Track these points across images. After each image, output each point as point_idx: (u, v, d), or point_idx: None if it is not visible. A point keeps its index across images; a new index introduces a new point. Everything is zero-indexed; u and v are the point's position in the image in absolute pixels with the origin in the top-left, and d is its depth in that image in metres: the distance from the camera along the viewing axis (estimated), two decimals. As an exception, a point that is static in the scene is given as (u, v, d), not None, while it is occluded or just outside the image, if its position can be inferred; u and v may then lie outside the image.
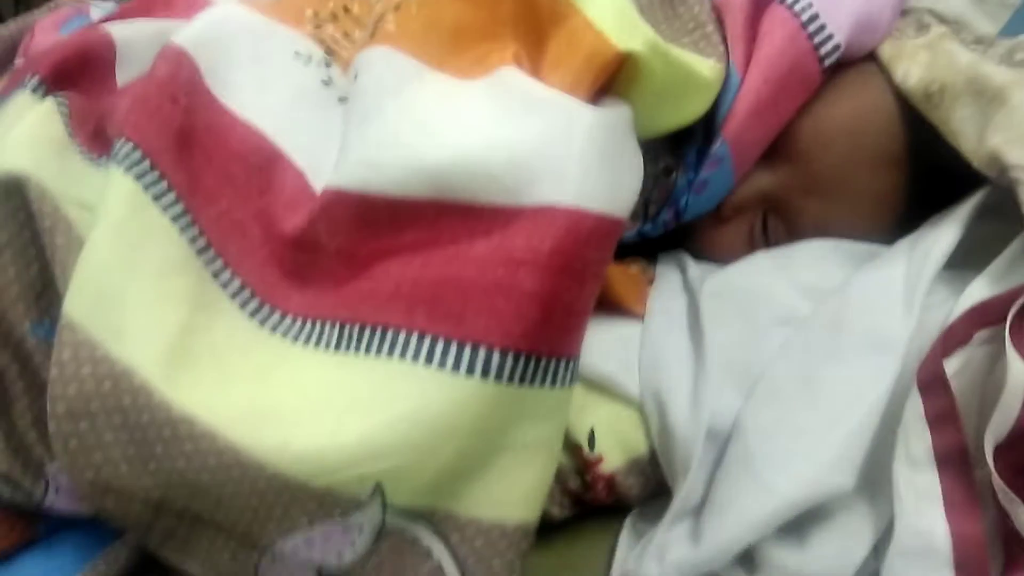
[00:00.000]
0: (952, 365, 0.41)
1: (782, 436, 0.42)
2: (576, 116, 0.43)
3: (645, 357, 0.47)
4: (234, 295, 0.44)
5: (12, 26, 0.65)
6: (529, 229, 0.41)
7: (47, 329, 0.42)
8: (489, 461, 0.41)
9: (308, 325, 0.44)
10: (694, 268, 0.51)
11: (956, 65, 0.46)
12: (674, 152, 0.53)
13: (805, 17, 0.51)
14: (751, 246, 0.53)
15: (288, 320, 0.44)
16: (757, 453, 0.42)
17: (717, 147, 0.50)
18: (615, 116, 0.46)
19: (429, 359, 0.40)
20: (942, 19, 0.56)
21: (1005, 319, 0.41)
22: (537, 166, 0.42)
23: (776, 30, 0.51)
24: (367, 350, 0.41)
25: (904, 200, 0.51)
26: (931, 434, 0.39)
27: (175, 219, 0.43)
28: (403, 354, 0.40)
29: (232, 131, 0.48)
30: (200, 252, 0.43)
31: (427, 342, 0.40)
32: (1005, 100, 0.44)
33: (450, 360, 0.39)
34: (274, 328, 0.44)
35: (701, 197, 0.52)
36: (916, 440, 0.39)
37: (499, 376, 0.39)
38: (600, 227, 0.42)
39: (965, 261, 0.46)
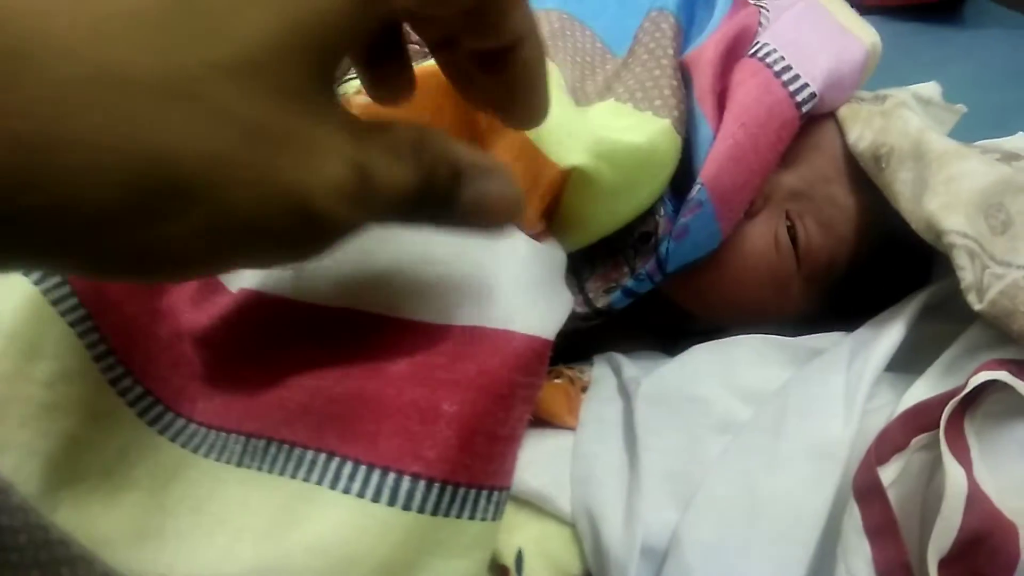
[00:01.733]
0: (889, 473, 0.39)
1: (723, 552, 0.39)
2: (511, 242, 0.43)
3: (577, 471, 0.44)
4: (134, 402, 0.42)
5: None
6: (454, 349, 0.39)
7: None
8: None
9: (212, 435, 0.41)
10: (629, 368, 0.49)
11: (906, 129, 0.47)
12: (649, 218, 0.52)
13: (778, 68, 0.51)
14: (777, 252, 0.53)
15: (192, 428, 0.42)
16: (697, 570, 0.40)
17: (696, 192, 0.48)
18: (549, 252, 0.46)
19: (335, 482, 0.37)
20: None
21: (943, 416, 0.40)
22: (468, 286, 0.41)
23: (749, 80, 0.51)
24: (271, 468, 0.38)
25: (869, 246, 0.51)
26: (870, 548, 0.36)
27: (75, 324, 0.41)
28: (308, 475, 0.37)
29: None
30: (99, 358, 0.42)
31: (334, 464, 0.37)
32: (947, 166, 0.44)
33: (357, 485, 0.36)
34: (175, 437, 0.41)
35: (683, 244, 0.50)
36: (855, 555, 0.36)
37: (409, 505, 0.36)
38: (529, 349, 0.40)
39: (909, 363, 0.45)
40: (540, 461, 0.45)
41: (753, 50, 0.52)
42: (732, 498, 0.41)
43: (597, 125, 0.47)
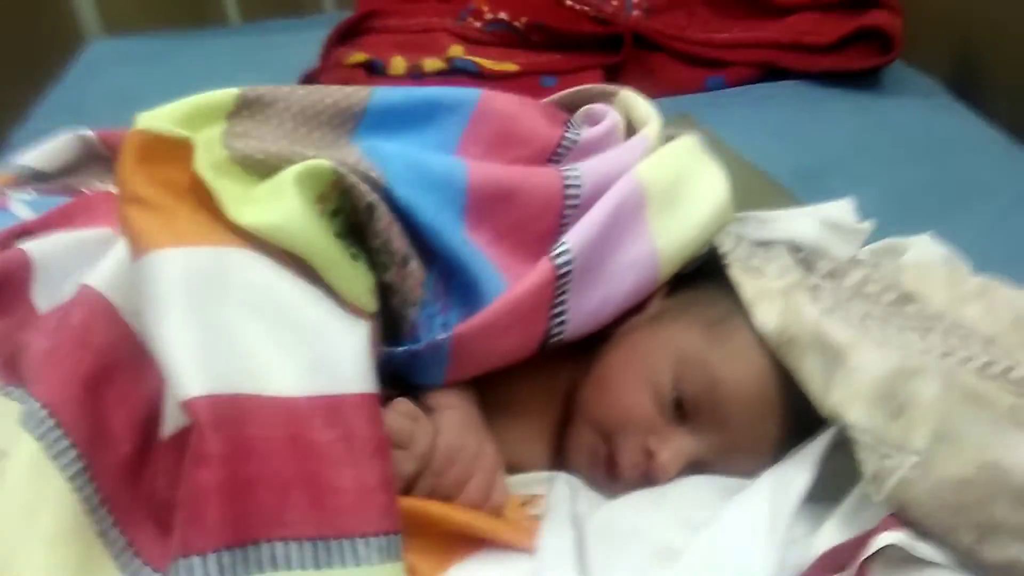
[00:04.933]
0: (807, 609, 0.45)
1: None
2: None
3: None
4: (118, 555, 0.46)
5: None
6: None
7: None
8: None
9: None
10: (583, 501, 0.54)
11: (803, 320, 0.52)
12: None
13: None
14: None
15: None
16: None
17: (442, 339, 0.53)
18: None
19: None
20: (799, 250, 0.62)
21: (852, 563, 0.46)
22: None
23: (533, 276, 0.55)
24: None
25: (790, 432, 0.55)
26: None
27: (73, 478, 0.46)
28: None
29: (151, 372, 0.49)
30: (94, 510, 0.46)
31: None
32: (844, 360, 0.50)
33: None
34: None
35: (421, 359, 0.55)
36: None
37: None
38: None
39: (822, 492, 0.51)
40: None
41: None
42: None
43: None
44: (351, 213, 0.54)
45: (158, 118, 0.54)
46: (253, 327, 0.47)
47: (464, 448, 0.53)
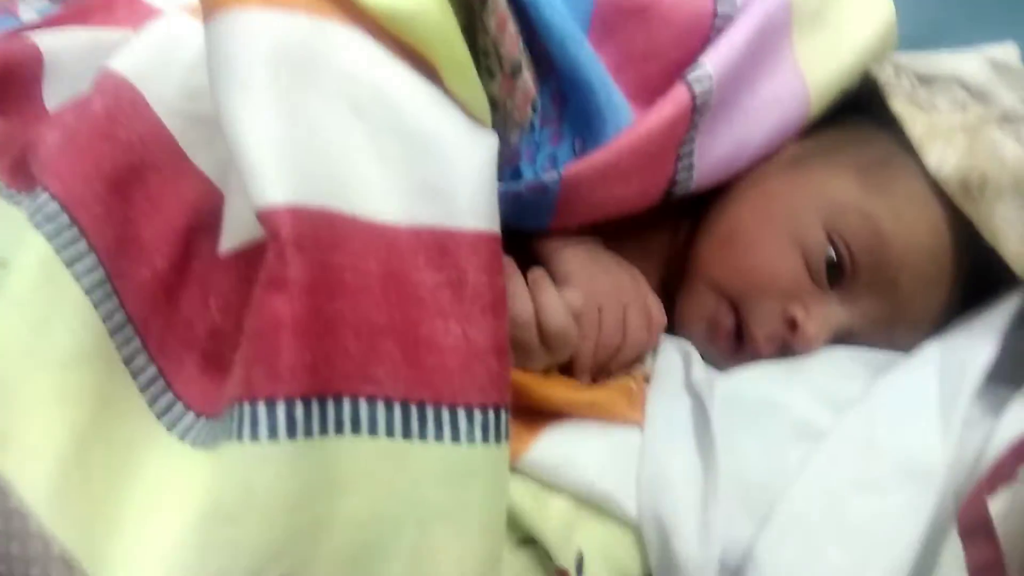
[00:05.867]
0: (996, 506, 0.36)
1: (805, 574, 0.37)
2: None
3: (645, 473, 0.41)
4: (145, 387, 0.37)
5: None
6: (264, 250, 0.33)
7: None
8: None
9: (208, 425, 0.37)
10: (699, 368, 0.45)
11: (1001, 158, 0.42)
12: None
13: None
14: None
15: (200, 423, 0.37)
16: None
17: (549, 179, 0.44)
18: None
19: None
20: (969, 90, 0.52)
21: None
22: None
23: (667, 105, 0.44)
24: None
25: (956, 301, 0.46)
26: (977, 588, 0.34)
27: (90, 290, 0.36)
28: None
29: (184, 176, 0.41)
30: (115, 331, 0.36)
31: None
32: None
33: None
34: (184, 434, 0.36)
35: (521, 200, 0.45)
36: (959, 596, 0.34)
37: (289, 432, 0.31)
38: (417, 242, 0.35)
39: (995, 371, 0.42)
40: (604, 459, 0.41)
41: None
42: (817, 518, 0.38)
43: None
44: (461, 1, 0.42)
45: None
46: (354, 128, 0.36)
47: (602, 293, 0.44)
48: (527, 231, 0.47)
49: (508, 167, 0.46)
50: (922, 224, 0.45)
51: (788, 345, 0.46)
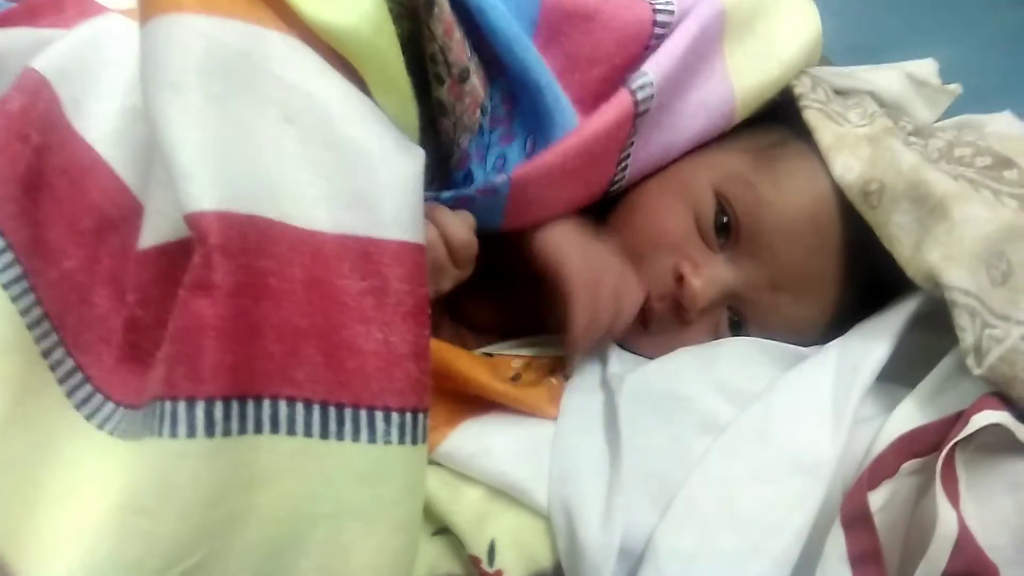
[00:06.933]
0: (877, 498, 0.38)
1: (699, 562, 0.39)
2: None
3: (556, 464, 0.43)
4: (63, 379, 0.38)
5: None
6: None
7: None
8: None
9: (128, 415, 0.38)
10: (615, 363, 0.47)
11: (898, 166, 0.44)
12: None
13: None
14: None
15: (119, 413, 0.38)
16: (671, 577, 0.39)
17: (499, 182, 0.45)
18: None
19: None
20: (882, 103, 0.54)
21: (934, 449, 0.39)
22: None
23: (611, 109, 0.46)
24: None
25: (853, 294, 0.48)
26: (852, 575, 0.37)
27: (8, 285, 0.37)
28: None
29: (91, 176, 0.42)
30: (33, 325, 0.38)
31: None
32: (946, 213, 0.42)
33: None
34: (103, 423, 0.38)
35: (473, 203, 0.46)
36: (837, 583, 0.36)
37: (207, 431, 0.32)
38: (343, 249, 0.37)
39: (892, 370, 0.44)
40: (518, 451, 0.43)
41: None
42: (712, 507, 0.40)
43: None
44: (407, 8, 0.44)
45: None
46: (285, 137, 0.37)
47: (597, 268, 0.47)
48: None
49: (459, 170, 0.47)
50: (799, 196, 0.47)
51: (680, 301, 0.48)
